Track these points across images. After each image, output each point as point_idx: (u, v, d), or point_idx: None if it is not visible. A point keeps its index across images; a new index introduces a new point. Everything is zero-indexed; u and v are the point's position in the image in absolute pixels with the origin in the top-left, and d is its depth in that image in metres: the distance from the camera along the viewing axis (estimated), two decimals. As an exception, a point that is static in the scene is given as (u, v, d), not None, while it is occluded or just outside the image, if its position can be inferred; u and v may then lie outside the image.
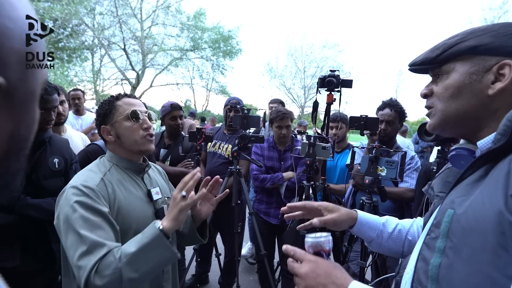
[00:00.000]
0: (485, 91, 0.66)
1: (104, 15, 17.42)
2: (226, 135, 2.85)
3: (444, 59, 0.71)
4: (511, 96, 0.65)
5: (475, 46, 0.67)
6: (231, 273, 2.81)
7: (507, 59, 0.64)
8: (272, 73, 23.74)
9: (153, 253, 0.96)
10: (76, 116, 3.47)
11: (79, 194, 1.03)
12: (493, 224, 0.55)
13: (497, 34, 0.67)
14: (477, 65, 0.67)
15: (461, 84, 0.69)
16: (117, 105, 1.20)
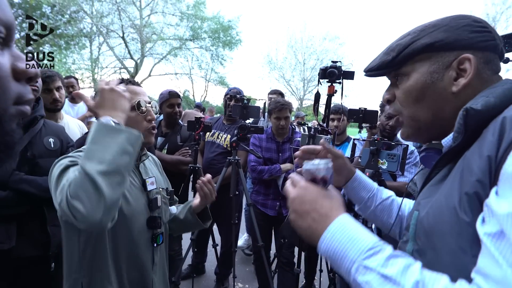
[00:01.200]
0: (448, 89, 0.64)
1: (103, 2, 17.15)
2: (225, 125, 2.82)
3: (401, 60, 0.68)
4: (475, 91, 0.62)
5: (431, 43, 0.64)
6: (227, 264, 2.82)
7: (465, 52, 0.62)
8: (272, 64, 23.60)
9: (106, 140, 0.85)
10: (71, 104, 3.41)
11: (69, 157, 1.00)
12: (450, 225, 0.54)
13: (449, 28, 0.64)
14: (436, 63, 0.65)
15: (423, 84, 0.66)
16: None
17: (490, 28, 0.65)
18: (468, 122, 0.58)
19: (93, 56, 18.69)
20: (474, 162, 0.54)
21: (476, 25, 0.64)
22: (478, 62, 0.62)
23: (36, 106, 1.64)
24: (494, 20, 18.67)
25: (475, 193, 0.52)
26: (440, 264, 0.55)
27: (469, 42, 0.63)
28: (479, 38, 0.63)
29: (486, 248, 0.45)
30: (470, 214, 0.51)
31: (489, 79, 0.64)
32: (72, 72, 16.58)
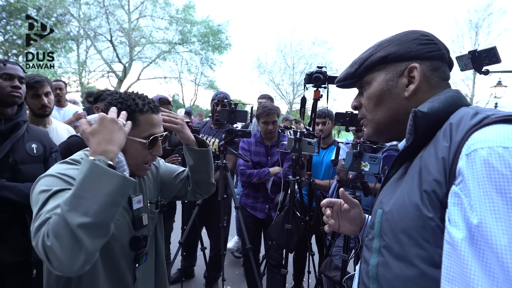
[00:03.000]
0: (402, 94, 0.74)
1: (90, 5, 16.96)
2: (213, 129, 2.85)
3: (363, 71, 0.79)
4: (424, 96, 0.72)
5: (385, 56, 0.75)
6: (216, 267, 2.83)
7: (413, 62, 0.72)
8: (261, 68, 23.73)
9: (96, 186, 0.77)
10: (57, 108, 3.38)
11: (54, 178, 0.91)
12: (414, 219, 0.60)
13: (400, 42, 0.75)
14: (390, 72, 0.75)
15: (381, 91, 0.76)
16: (138, 120, 1.05)
17: (436, 40, 0.75)
18: (417, 124, 0.66)
19: (80, 60, 18.43)
20: (430, 163, 0.61)
21: (423, 38, 0.74)
22: (425, 70, 0.72)
23: (19, 111, 1.62)
24: (477, 26, 19.25)
25: (433, 191, 0.58)
26: (408, 257, 0.61)
27: (417, 53, 0.73)
28: (426, 49, 0.73)
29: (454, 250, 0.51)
30: (431, 209, 0.58)
31: (437, 85, 0.73)
32: (58, 76, 16.28)
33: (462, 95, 0.71)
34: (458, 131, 0.58)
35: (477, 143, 0.53)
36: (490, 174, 0.49)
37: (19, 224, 1.49)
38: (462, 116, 0.61)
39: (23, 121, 1.61)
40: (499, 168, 0.48)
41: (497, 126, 0.54)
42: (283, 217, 2.16)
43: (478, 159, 0.51)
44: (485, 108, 0.62)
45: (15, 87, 1.54)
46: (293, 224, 2.12)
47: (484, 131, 0.55)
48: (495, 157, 0.49)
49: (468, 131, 0.57)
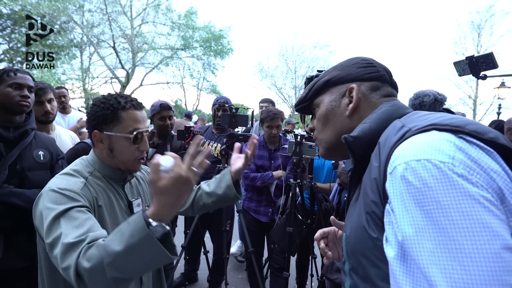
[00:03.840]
0: (344, 113, 0.77)
1: (93, 12, 17.18)
2: (215, 134, 2.87)
3: (312, 95, 0.85)
4: (365, 113, 0.75)
5: (328, 80, 0.81)
6: (219, 271, 2.84)
7: (353, 83, 0.77)
8: (263, 73, 23.83)
9: (141, 255, 0.78)
10: (62, 115, 3.42)
11: (58, 194, 0.94)
12: (365, 241, 0.62)
13: (343, 67, 0.81)
14: (334, 94, 0.80)
15: (326, 112, 0.80)
16: (121, 117, 1.08)
17: (375, 63, 0.81)
18: (351, 147, 0.69)
19: (83, 66, 18.64)
20: (367, 185, 0.63)
21: (362, 62, 0.80)
22: (364, 90, 0.77)
23: (28, 119, 1.65)
24: (479, 27, 19.24)
25: (373, 212, 0.60)
26: (369, 277, 0.62)
27: (356, 75, 0.78)
28: (364, 71, 0.78)
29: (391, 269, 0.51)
30: (375, 230, 0.60)
31: (378, 102, 0.76)
32: (62, 83, 16.46)
33: (398, 106, 0.73)
34: (384, 149, 0.60)
35: (396, 159, 0.54)
36: (406, 189, 0.50)
37: (26, 230, 1.51)
38: (389, 133, 0.63)
39: (31, 128, 1.64)
40: (414, 182, 0.50)
41: (414, 138, 0.56)
42: (285, 220, 2.17)
43: (398, 176, 0.52)
44: (414, 118, 0.64)
45: (24, 96, 1.57)
46: (295, 227, 2.13)
47: (402, 146, 0.56)
48: (410, 172, 0.51)
49: (392, 148, 0.58)
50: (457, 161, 0.49)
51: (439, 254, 0.45)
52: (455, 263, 0.44)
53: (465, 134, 0.54)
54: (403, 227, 0.49)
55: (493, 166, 0.50)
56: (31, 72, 2.17)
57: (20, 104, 1.56)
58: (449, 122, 0.56)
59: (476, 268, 0.42)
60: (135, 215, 0.80)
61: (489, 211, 0.45)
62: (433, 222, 0.46)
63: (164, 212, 0.79)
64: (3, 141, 1.51)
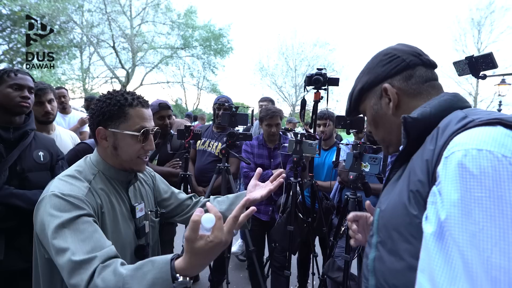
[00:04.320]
0: (388, 113, 0.80)
1: (93, 12, 17.17)
2: (215, 133, 2.87)
3: (354, 106, 0.89)
4: (409, 104, 0.77)
5: (362, 87, 0.84)
6: (221, 270, 2.84)
7: (384, 83, 0.80)
8: (263, 71, 23.83)
9: None
10: (62, 115, 3.43)
11: (62, 200, 0.91)
12: (403, 217, 0.65)
13: (369, 70, 0.84)
14: (372, 98, 0.84)
15: (373, 116, 0.85)
16: (129, 114, 1.05)
17: (398, 52, 0.81)
18: (408, 129, 0.71)
19: (83, 66, 18.64)
20: (417, 165, 0.65)
21: (385, 58, 0.81)
22: (398, 84, 0.78)
23: (27, 119, 1.65)
24: (479, 24, 19.18)
25: (417, 191, 0.62)
26: (398, 251, 0.65)
27: (384, 74, 0.80)
28: (389, 67, 0.80)
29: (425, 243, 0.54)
30: (416, 208, 0.62)
31: (419, 90, 0.78)
32: (62, 83, 16.46)
33: (459, 98, 0.73)
34: (443, 135, 0.61)
35: (455, 146, 0.55)
36: (462, 174, 0.52)
37: (27, 231, 1.50)
38: (450, 120, 0.64)
39: (31, 129, 1.64)
40: (471, 168, 0.51)
41: (478, 129, 0.56)
42: (286, 219, 2.17)
43: (454, 161, 0.54)
44: (477, 111, 0.64)
45: (24, 97, 1.57)
46: (296, 226, 2.13)
47: (464, 134, 0.57)
48: (469, 159, 0.52)
49: (451, 135, 0.59)
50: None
51: (481, 237, 0.47)
52: (496, 248, 0.45)
53: None
54: (450, 208, 0.51)
55: None
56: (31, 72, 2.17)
57: (20, 105, 1.56)
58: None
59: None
60: (163, 260, 0.77)
61: None
62: (481, 208, 0.48)
63: (193, 270, 0.76)
64: (3, 142, 1.51)
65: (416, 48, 0.82)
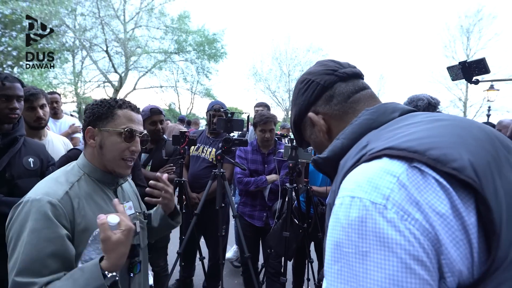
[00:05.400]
0: (323, 138, 0.76)
1: (86, 16, 17.05)
2: (209, 138, 2.85)
3: (299, 137, 0.86)
4: (339, 127, 0.71)
5: (294, 120, 0.82)
6: (215, 277, 2.81)
7: (309, 112, 0.76)
8: (257, 76, 23.84)
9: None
10: (53, 120, 3.38)
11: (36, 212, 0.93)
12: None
13: (295, 102, 0.80)
14: (307, 128, 0.80)
15: (315, 145, 0.81)
16: (117, 114, 1.09)
17: (311, 77, 0.76)
18: (322, 169, 0.70)
19: (76, 71, 18.46)
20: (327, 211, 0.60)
21: (302, 86, 0.77)
22: (321, 110, 0.74)
23: (17, 125, 1.62)
24: (468, 31, 19.56)
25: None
26: None
27: (306, 104, 0.76)
28: (307, 95, 0.76)
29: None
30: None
31: (344, 110, 0.72)
32: (54, 87, 16.28)
33: (381, 112, 0.65)
34: (339, 175, 0.57)
35: (340, 191, 0.51)
36: (334, 227, 0.49)
37: None
38: (350, 154, 0.59)
39: (20, 135, 1.61)
40: (341, 220, 0.48)
41: (363, 166, 0.51)
42: (281, 225, 2.16)
43: (334, 211, 0.51)
44: (386, 131, 0.58)
45: (12, 109, 1.56)
46: (291, 231, 2.12)
47: (350, 175, 0.52)
48: (342, 209, 0.48)
49: (344, 174, 0.55)
50: (390, 203, 0.44)
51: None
52: None
53: (422, 164, 0.46)
54: (326, 264, 0.49)
55: (439, 208, 0.43)
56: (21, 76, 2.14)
57: (8, 117, 1.55)
58: (409, 145, 0.49)
59: None
60: (91, 264, 0.88)
61: (407, 268, 0.42)
62: (348, 266, 0.46)
63: (118, 263, 0.90)
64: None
65: (330, 64, 0.77)
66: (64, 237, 0.94)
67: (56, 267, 0.91)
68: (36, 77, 14.74)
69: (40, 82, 14.86)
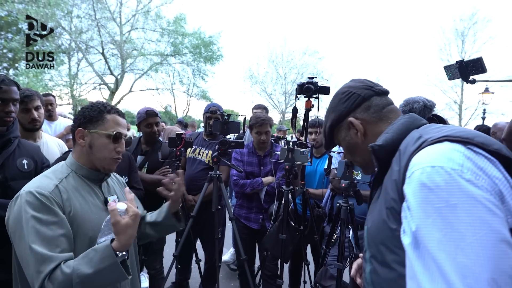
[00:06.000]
0: (358, 141, 0.92)
1: (82, 18, 16.97)
2: (206, 140, 2.85)
3: (329, 139, 1.02)
4: (374, 131, 0.89)
5: (331, 125, 0.98)
6: (211, 280, 2.80)
7: (348, 117, 0.92)
8: (253, 79, 23.83)
9: (107, 276, 1.00)
10: (48, 122, 3.35)
11: (33, 201, 1.04)
12: (385, 231, 0.73)
13: (333, 109, 0.97)
14: (342, 131, 0.96)
15: (347, 146, 0.97)
16: (106, 118, 1.22)
17: (353, 89, 0.94)
18: (376, 155, 0.81)
19: (71, 73, 18.34)
20: (388, 185, 0.75)
21: (343, 96, 0.94)
22: (360, 116, 0.91)
23: (11, 127, 1.62)
24: (463, 34, 19.74)
25: (392, 208, 0.72)
26: (388, 262, 0.73)
27: (346, 111, 0.93)
28: (348, 104, 0.93)
29: (406, 253, 0.62)
30: (394, 222, 0.71)
31: (379, 117, 0.90)
32: (49, 89, 16.15)
33: (415, 118, 0.85)
34: (404, 156, 0.71)
35: (414, 166, 0.65)
36: (421, 189, 0.61)
37: (9, 242, 1.46)
38: (408, 142, 0.74)
39: (14, 137, 1.60)
40: (428, 183, 0.60)
41: (429, 148, 0.67)
42: (278, 227, 2.16)
43: (414, 179, 0.63)
44: (430, 130, 0.75)
45: (8, 112, 1.56)
46: (288, 234, 2.12)
47: (419, 154, 0.67)
48: (425, 176, 0.61)
49: (410, 156, 0.69)
50: (465, 168, 0.59)
51: (445, 242, 0.55)
52: (458, 249, 0.53)
53: (473, 145, 0.64)
54: (417, 220, 0.60)
55: (496, 174, 0.60)
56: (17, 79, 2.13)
57: (3, 120, 1.55)
58: (460, 134, 0.66)
59: (476, 254, 0.52)
60: (103, 245, 1.01)
61: (489, 210, 0.55)
62: (441, 217, 0.56)
63: (127, 243, 1.02)
64: (-14, 151, 1.47)
65: (367, 82, 0.95)
66: (65, 219, 1.07)
67: (66, 247, 1.04)
68: (31, 79, 14.63)
69: (36, 84, 14.75)
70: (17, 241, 1.02)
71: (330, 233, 2.07)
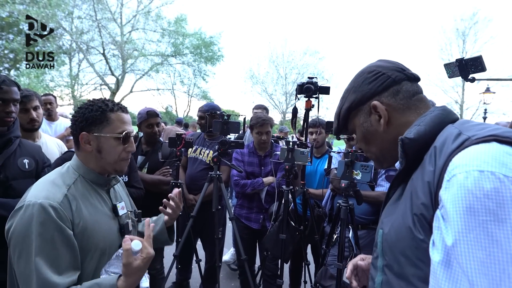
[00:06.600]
0: (378, 129, 0.79)
1: (83, 19, 17.00)
2: (207, 140, 2.85)
3: (343, 124, 0.88)
4: (399, 120, 0.77)
5: (349, 106, 0.84)
6: (212, 280, 2.80)
7: (372, 100, 0.79)
8: (254, 79, 23.84)
9: None
10: (48, 122, 3.35)
11: (42, 217, 0.95)
12: (409, 241, 0.63)
13: (355, 89, 0.83)
14: (361, 116, 0.83)
15: (363, 133, 0.84)
16: (110, 118, 1.12)
17: (383, 69, 0.80)
18: (406, 149, 0.70)
19: (72, 73, 18.37)
20: (418, 187, 0.64)
21: (370, 76, 0.81)
22: (386, 101, 0.78)
23: (12, 127, 1.62)
24: (464, 34, 19.73)
25: (421, 215, 0.61)
26: (406, 276, 0.63)
27: (371, 92, 0.80)
28: (375, 85, 0.79)
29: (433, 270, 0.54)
30: (422, 232, 0.61)
31: (407, 105, 0.78)
32: (50, 90, 16.18)
33: (449, 111, 0.74)
34: (441, 155, 0.61)
35: (456, 168, 0.55)
36: (465, 197, 0.51)
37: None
38: (446, 138, 0.64)
39: (15, 136, 1.61)
40: (474, 191, 0.50)
41: (475, 147, 0.56)
42: (278, 227, 2.16)
43: (456, 184, 0.53)
44: (468, 126, 0.64)
45: (8, 112, 1.56)
46: (288, 234, 2.11)
47: (463, 154, 0.56)
48: (471, 181, 0.51)
49: (450, 155, 0.59)
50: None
51: (489, 264, 0.46)
52: (505, 275, 0.45)
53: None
54: (455, 233, 0.50)
55: None
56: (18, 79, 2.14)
57: (4, 121, 1.55)
58: (509, 135, 0.56)
59: None
60: (108, 283, 0.95)
61: None
62: (487, 233, 0.47)
63: (134, 285, 0.97)
64: (-14, 150, 1.48)
65: (398, 64, 0.82)
66: (72, 237, 0.99)
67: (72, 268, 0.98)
68: (33, 80, 14.66)
69: (37, 85, 14.78)
70: (18, 257, 0.95)
71: (330, 233, 2.07)
